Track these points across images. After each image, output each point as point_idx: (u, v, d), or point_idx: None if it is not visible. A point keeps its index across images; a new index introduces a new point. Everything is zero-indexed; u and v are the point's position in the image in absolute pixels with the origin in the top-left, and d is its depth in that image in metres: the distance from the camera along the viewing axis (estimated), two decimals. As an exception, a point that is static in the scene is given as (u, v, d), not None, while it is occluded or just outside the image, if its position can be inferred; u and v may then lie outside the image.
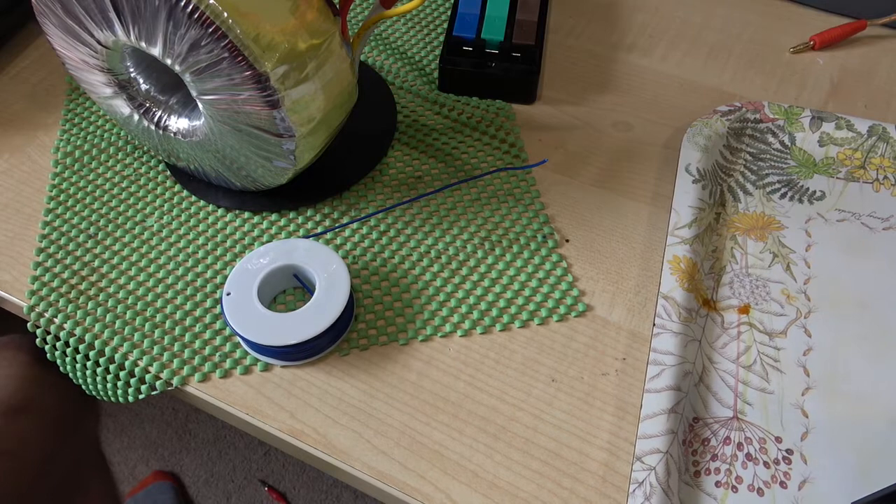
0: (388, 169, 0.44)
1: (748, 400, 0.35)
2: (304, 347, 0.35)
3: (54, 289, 0.39)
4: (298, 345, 0.34)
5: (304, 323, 0.34)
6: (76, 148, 0.46)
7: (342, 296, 0.35)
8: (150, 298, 0.39)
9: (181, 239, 0.41)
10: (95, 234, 0.41)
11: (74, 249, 0.41)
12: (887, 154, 0.45)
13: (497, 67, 0.47)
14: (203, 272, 0.40)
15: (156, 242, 0.41)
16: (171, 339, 0.37)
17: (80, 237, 0.41)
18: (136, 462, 1.08)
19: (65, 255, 0.40)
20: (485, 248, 0.41)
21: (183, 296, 0.39)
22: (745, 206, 0.43)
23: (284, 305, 0.38)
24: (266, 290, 0.37)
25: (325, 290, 0.35)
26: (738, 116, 0.46)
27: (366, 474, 0.33)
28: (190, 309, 0.38)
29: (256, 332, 0.34)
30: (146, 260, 0.40)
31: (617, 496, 0.32)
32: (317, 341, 0.35)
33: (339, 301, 0.35)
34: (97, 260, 0.40)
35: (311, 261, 0.36)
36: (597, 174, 0.45)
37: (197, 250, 0.41)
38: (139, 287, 0.39)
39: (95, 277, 0.39)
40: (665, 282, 0.38)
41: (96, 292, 0.39)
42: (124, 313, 0.38)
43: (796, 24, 0.54)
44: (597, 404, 0.35)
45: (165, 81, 0.39)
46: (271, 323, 0.34)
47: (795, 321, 0.38)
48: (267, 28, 0.32)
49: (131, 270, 0.40)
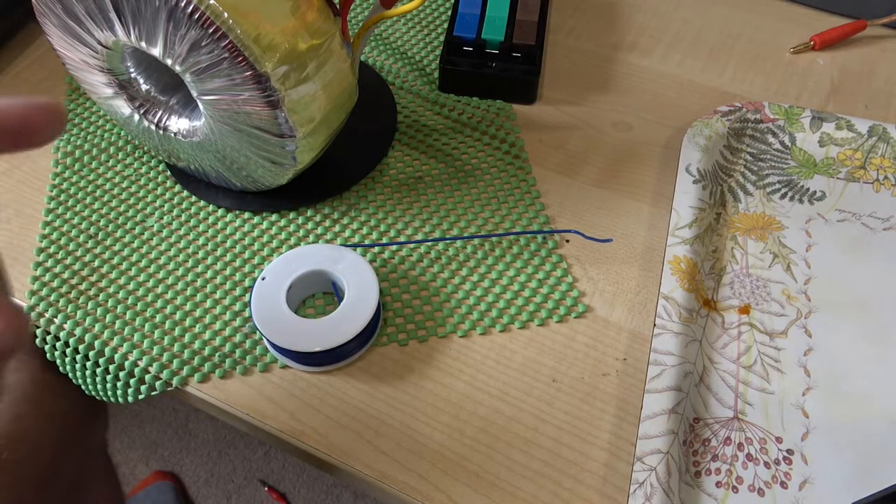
0: (388, 169, 0.44)
1: (749, 400, 0.35)
2: (318, 356, 0.35)
3: (54, 289, 0.39)
4: (315, 353, 0.34)
5: (328, 330, 0.34)
6: (76, 148, 0.46)
7: (370, 308, 0.35)
8: (149, 298, 0.39)
9: (181, 239, 0.41)
10: (96, 234, 0.41)
11: (74, 249, 0.41)
12: (887, 154, 0.45)
13: (497, 67, 0.47)
14: (203, 272, 0.40)
15: (156, 242, 0.41)
16: (171, 340, 0.37)
17: (80, 237, 0.41)
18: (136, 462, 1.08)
19: (65, 255, 0.40)
20: (485, 248, 0.41)
21: (183, 296, 0.39)
22: (746, 206, 0.43)
23: (314, 309, 0.38)
24: (299, 290, 0.37)
25: (352, 301, 0.35)
26: (739, 117, 0.46)
27: (366, 475, 0.33)
28: (190, 309, 0.38)
29: (279, 333, 0.34)
30: (146, 260, 0.40)
31: (618, 496, 0.32)
32: (332, 352, 0.35)
33: (366, 313, 0.35)
34: (97, 260, 0.40)
35: (347, 270, 0.36)
36: (597, 174, 0.45)
37: (197, 250, 0.41)
38: (139, 287, 0.39)
39: (95, 277, 0.39)
40: (665, 282, 0.38)
41: (96, 292, 0.39)
42: (124, 313, 0.38)
43: (796, 24, 0.54)
44: (597, 405, 0.35)
45: (166, 81, 0.39)
46: (294, 325, 0.34)
47: (796, 321, 0.38)
48: (267, 28, 0.32)
49: (131, 270, 0.40)
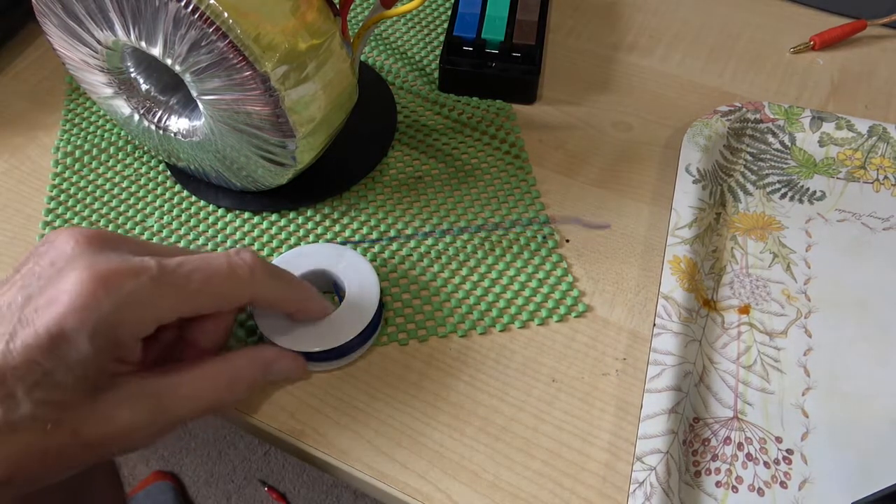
0: (388, 169, 0.44)
1: (748, 400, 0.35)
2: (320, 354, 0.35)
3: (54, 289, 0.39)
4: (316, 352, 0.34)
5: (329, 330, 0.34)
6: (76, 148, 0.46)
7: (371, 307, 0.35)
8: (150, 298, 0.39)
9: (181, 239, 0.41)
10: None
11: (74, 249, 0.41)
12: (887, 154, 0.45)
13: (497, 67, 0.47)
14: (203, 272, 0.40)
15: (156, 242, 0.41)
16: (172, 340, 0.37)
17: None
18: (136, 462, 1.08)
19: (65, 256, 0.40)
20: (485, 248, 0.41)
21: (183, 296, 0.39)
22: (746, 206, 0.43)
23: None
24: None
25: (353, 300, 0.35)
26: (739, 116, 0.46)
27: (366, 474, 0.33)
28: (190, 309, 0.38)
29: (281, 333, 0.34)
30: (146, 260, 0.40)
31: (617, 496, 0.32)
32: (334, 350, 0.35)
33: (368, 312, 0.35)
34: (97, 260, 0.40)
35: (347, 269, 0.36)
36: (597, 174, 0.45)
37: (197, 250, 0.41)
38: (139, 287, 0.39)
39: (95, 277, 0.39)
40: (665, 282, 0.38)
41: (96, 292, 0.39)
42: (124, 313, 0.38)
43: (796, 24, 0.55)
44: (597, 404, 0.35)
45: (166, 81, 0.39)
46: (295, 324, 0.34)
47: (796, 321, 0.38)
48: (267, 28, 0.32)
49: (131, 270, 0.40)
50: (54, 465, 0.27)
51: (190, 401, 0.30)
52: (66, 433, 0.26)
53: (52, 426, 0.26)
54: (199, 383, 0.30)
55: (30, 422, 0.25)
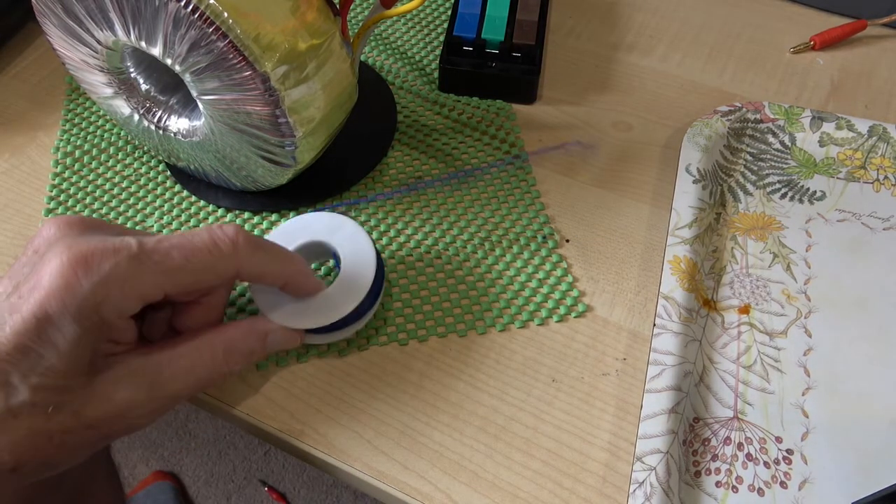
0: (388, 169, 0.44)
1: (748, 400, 0.35)
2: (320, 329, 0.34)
3: (54, 289, 0.39)
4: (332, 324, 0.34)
5: (327, 304, 0.34)
6: (76, 148, 0.46)
7: (368, 276, 0.34)
8: (150, 298, 0.39)
9: (181, 239, 0.41)
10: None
11: (74, 249, 0.41)
12: (888, 154, 0.45)
13: (497, 67, 0.47)
14: (203, 272, 0.40)
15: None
16: (172, 340, 0.37)
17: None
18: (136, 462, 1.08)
19: (65, 256, 0.40)
20: (485, 248, 0.41)
21: (183, 296, 0.39)
22: (746, 206, 0.43)
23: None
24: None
25: (349, 272, 0.34)
26: (739, 116, 0.46)
27: (366, 474, 0.33)
28: (190, 309, 0.38)
29: (278, 310, 0.34)
30: (146, 260, 0.40)
31: (617, 496, 0.32)
32: (333, 324, 0.34)
33: (365, 282, 0.34)
34: (97, 260, 0.40)
35: (344, 240, 0.35)
36: (597, 174, 0.45)
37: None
38: (139, 287, 0.39)
39: (95, 277, 0.39)
40: (665, 282, 0.38)
41: (96, 292, 0.39)
42: (124, 313, 0.38)
43: (796, 24, 0.55)
44: (597, 404, 0.35)
45: (166, 81, 0.39)
46: (293, 299, 0.34)
47: (796, 321, 0.38)
48: (267, 28, 0.32)
49: (131, 270, 0.40)
50: (61, 449, 0.27)
51: (187, 373, 0.30)
52: (68, 416, 0.27)
53: (54, 409, 0.26)
54: (195, 355, 0.30)
55: (30, 407, 0.26)
